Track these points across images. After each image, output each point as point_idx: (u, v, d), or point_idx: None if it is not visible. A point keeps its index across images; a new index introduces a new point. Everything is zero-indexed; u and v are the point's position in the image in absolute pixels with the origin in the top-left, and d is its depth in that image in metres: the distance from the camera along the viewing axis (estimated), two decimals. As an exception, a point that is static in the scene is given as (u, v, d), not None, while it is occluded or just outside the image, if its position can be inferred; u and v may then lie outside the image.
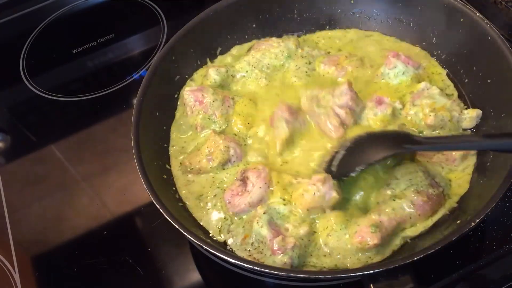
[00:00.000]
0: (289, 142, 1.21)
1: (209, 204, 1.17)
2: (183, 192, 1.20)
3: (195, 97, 1.28)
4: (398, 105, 1.23)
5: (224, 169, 1.20)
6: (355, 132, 1.19)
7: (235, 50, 1.47)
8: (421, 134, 1.19)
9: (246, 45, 1.48)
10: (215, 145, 1.19)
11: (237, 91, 1.36)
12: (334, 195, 1.07)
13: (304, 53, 1.39)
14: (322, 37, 1.49)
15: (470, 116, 1.20)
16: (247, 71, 1.37)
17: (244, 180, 1.14)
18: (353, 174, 1.08)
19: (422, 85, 1.23)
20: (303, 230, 1.06)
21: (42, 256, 1.30)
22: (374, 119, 1.22)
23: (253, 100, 1.33)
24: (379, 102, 1.23)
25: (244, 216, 1.13)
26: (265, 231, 1.05)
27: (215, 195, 1.18)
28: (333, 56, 1.38)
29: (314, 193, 1.06)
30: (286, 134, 1.21)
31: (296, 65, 1.37)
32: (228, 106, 1.29)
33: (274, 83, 1.37)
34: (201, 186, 1.20)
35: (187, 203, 1.19)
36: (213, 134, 1.22)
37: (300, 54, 1.39)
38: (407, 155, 1.17)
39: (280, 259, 1.02)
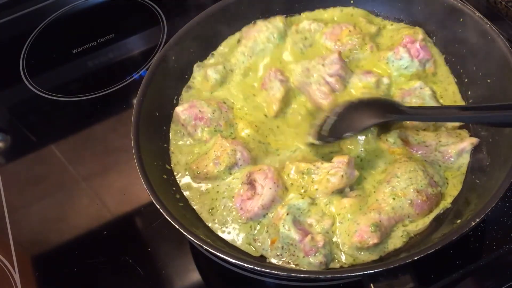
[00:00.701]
0: (285, 102, 1.26)
1: (222, 217, 1.15)
2: (196, 207, 1.18)
3: (194, 115, 1.26)
4: (385, 79, 1.26)
5: (231, 173, 1.19)
6: (344, 98, 1.23)
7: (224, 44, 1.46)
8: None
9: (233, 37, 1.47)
10: (222, 148, 1.19)
11: (231, 91, 1.35)
12: (356, 173, 1.11)
13: (299, 28, 1.38)
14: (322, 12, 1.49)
15: (454, 126, 1.20)
16: (243, 62, 1.37)
17: (251, 183, 1.14)
18: (341, 139, 1.14)
19: (417, 84, 1.24)
20: (327, 223, 1.07)
21: (42, 256, 1.30)
22: (358, 86, 1.25)
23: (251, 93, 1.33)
24: (368, 72, 1.27)
25: (262, 220, 1.12)
26: (293, 234, 1.05)
27: (224, 206, 1.16)
28: (337, 27, 1.37)
29: (342, 176, 1.09)
30: (282, 93, 1.24)
31: (293, 40, 1.37)
32: (226, 111, 1.29)
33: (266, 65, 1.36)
34: (210, 199, 1.18)
35: (204, 218, 1.17)
36: (220, 138, 1.21)
37: (295, 29, 1.39)
38: (395, 124, 1.20)
39: (315, 259, 1.03)
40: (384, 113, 1.13)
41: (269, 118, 1.28)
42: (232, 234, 1.13)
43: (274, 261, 1.07)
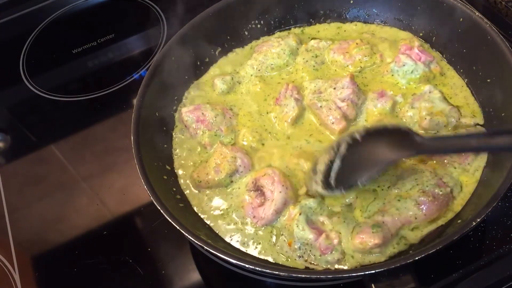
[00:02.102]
0: (297, 121, 1.26)
1: (237, 232, 1.14)
2: (212, 225, 1.17)
3: (196, 117, 1.27)
4: (399, 98, 1.24)
5: (232, 181, 1.19)
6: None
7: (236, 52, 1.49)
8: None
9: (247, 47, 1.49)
10: (222, 156, 1.19)
11: (242, 98, 1.36)
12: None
13: (309, 46, 1.39)
14: (324, 28, 1.50)
15: (467, 124, 1.19)
16: (251, 75, 1.38)
17: (259, 189, 1.14)
18: (354, 187, 1.04)
19: (426, 88, 1.23)
20: (336, 219, 1.07)
21: (42, 256, 1.30)
22: (373, 113, 1.22)
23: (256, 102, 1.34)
24: (381, 95, 1.24)
25: (276, 224, 1.12)
26: (308, 233, 1.05)
27: (239, 221, 1.15)
28: (344, 43, 1.38)
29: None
30: (296, 112, 1.25)
31: (304, 58, 1.37)
32: (230, 117, 1.29)
33: (282, 80, 1.37)
34: (226, 223, 1.16)
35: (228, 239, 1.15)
36: (220, 145, 1.21)
37: (304, 48, 1.39)
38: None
39: (332, 257, 1.03)
40: (400, 150, 0.98)
41: (275, 131, 1.27)
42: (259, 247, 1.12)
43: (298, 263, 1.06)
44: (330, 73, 1.36)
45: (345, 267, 1.04)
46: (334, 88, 1.24)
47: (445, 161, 1.13)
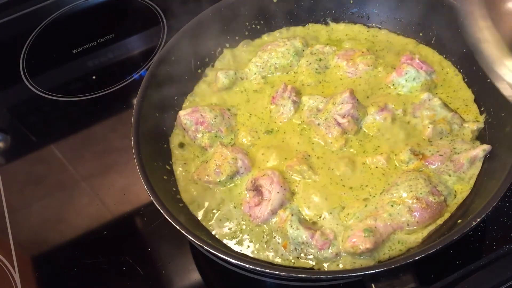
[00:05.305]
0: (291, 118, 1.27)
1: (235, 229, 1.14)
2: (210, 223, 1.16)
3: (195, 120, 1.26)
4: (400, 112, 1.24)
5: (233, 182, 1.19)
6: (356, 141, 1.21)
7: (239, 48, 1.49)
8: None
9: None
10: (223, 157, 1.19)
11: (240, 97, 1.36)
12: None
13: (314, 49, 1.39)
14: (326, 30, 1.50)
15: (471, 129, 1.19)
16: (255, 73, 1.38)
17: (257, 189, 1.14)
18: None
19: (425, 96, 1.23)
20: (329, 216, 1.09)
21: (42, 256, 1.30)
22: (371, 125, 1.22)
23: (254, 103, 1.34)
24: (382, 109, 1.23)
25: (270, 224, 1.12)
26: (302, 232, 1.05)
27: (236, 220, 1.15)
28: (350, 50, 1.38)
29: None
30: (292, 114, 1.26)
31: (307, 61, 1.37)
32: (229, 118, 1.29)
33: (283, 80, 1.37)
34: (225, 219, 1.16)
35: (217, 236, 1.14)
36: (220, 146, 1.21)
37: (309, 51, 1.39)
38: None
39: (330, 253, 1.04)
40: None
41: (273, 131, 1.28)
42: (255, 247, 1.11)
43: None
44: (331, 78, 1.36)
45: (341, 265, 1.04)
46: (334, 104, 1.22)
47: (441, 169, 1.13)
